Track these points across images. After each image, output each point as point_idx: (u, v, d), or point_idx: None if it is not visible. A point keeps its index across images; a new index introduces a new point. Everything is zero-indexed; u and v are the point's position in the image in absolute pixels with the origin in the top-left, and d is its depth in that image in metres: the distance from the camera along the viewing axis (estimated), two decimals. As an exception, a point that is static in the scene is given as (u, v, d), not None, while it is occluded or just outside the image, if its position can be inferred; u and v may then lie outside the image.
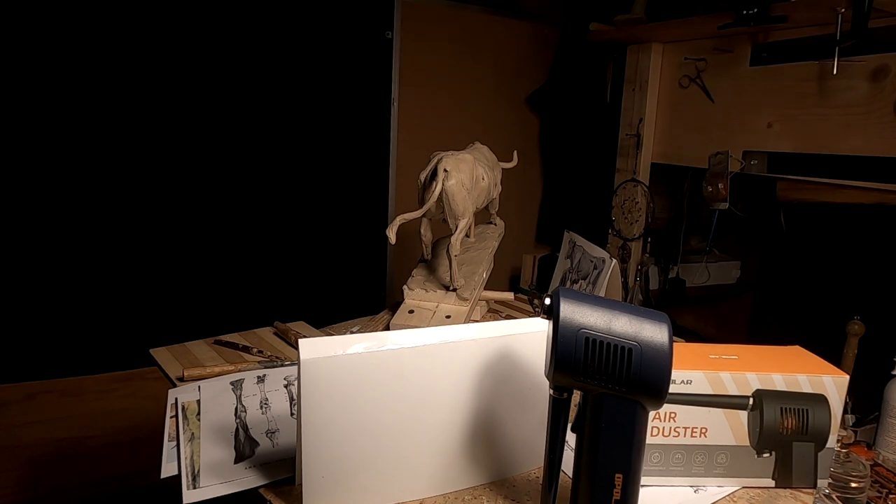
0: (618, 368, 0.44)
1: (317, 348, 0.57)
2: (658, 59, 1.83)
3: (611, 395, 0.45)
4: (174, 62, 1.60)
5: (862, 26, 1.20)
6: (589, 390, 0.45)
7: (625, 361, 0.44)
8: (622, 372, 0.44)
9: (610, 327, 0.43)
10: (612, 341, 0.43)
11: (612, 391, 0.44)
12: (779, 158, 1.52)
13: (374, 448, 0.61)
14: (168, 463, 0.71)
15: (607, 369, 0.44)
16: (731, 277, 2.17)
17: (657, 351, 0.44)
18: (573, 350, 0.42)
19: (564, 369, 0.43)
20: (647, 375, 0.44)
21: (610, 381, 0.44)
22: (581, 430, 0.48)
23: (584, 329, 0.42)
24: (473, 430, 0.65)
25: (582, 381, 0.44)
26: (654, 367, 0.44)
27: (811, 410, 0.67)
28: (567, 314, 0.42)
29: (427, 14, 2.00)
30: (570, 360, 0.43)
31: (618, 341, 0.43)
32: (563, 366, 0.43)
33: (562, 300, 0.43)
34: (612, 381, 0.44)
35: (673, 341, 0.45)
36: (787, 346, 0.75)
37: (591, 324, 0.43)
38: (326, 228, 1.94)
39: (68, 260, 1.55)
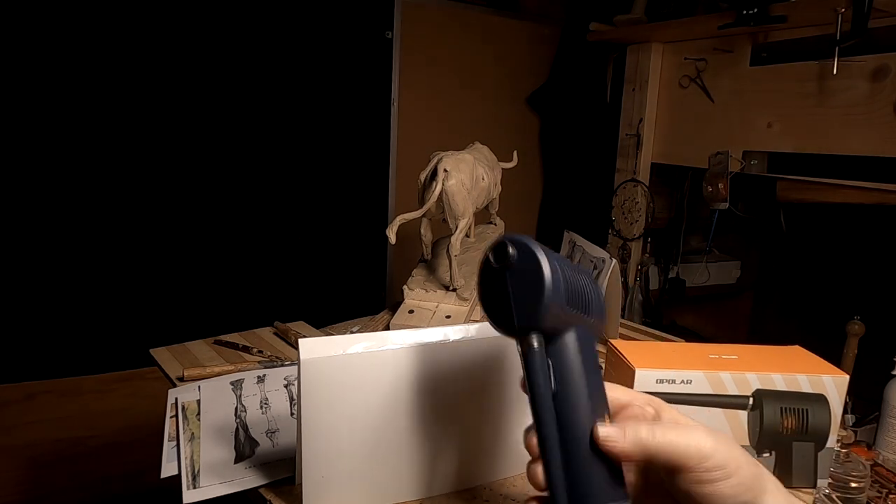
0: (585, 295, 0.43)
1: (317, 348, 0.57)
2: (658, 59, 1.83)
3: (582, 327, 0.44)
4: (174, 62, 1.60)
5: (862, 26, 1.20)
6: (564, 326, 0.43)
7: (587, 288, 0.44)
8: (588, 299, 0.43)
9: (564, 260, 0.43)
10: (574, 270, 0.43)
11: (582, 321, 0.43)
12: (779, 158, 1.52)
13: (374, 448, 0.61)
14: (168, 463, 0.71)
15: (578, 296, 0.42)
16: (731, 277, 2.17)
17: (593, 279, 0.46)
18: (559, 278, 0.40)
19: (556, 298, 0.40)
20: (599, 303, 0.45)
21: (582, 309, 0.43)
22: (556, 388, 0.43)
23: (553, 257, 0.41)
24: (473, 429, 0.65)
25: (568, 313, 0.42)
26: (601, 297, 0.46)
27: (811, 410, 0.67)
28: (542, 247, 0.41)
29: (427, 14, 2.00)
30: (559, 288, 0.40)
31: (576, 270, 0.44)
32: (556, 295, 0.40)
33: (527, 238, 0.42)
34: (583, 308, 0.43)
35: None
36: (787, 346, 0.75)
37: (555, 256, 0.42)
38: (326, 228, 1.94)
39: (68, 260, 1.55)
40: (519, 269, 0.41)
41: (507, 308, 0.42)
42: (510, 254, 0.41)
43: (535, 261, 0.40)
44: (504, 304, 0.42)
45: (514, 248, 0.41)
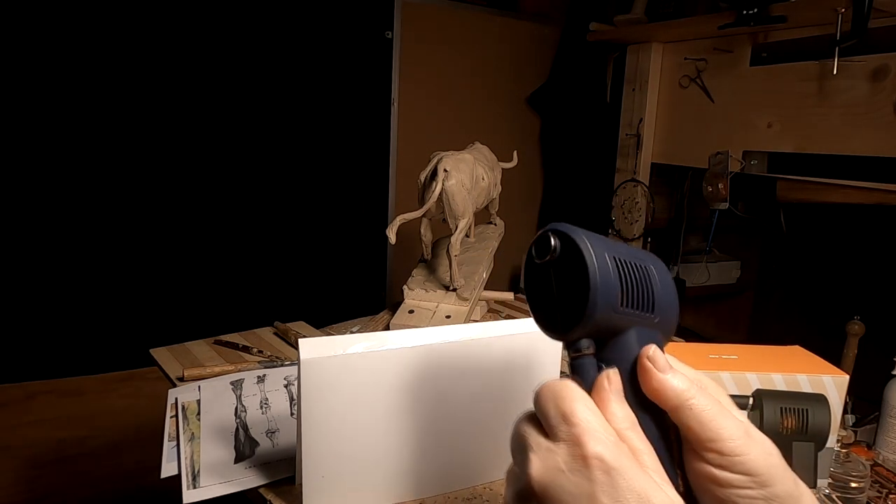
0: (646, 289, 0.37)
1: (317, 348, 0.57)
2: (658, 59, 1.83)
3: (644, 327, 0.38)
4: (174, 62, 1.60)
5: (862, 26, 1.20)
6: (620, 328, 0.37)
7: (648, 281, 0.38)
8: (650, 295, 0.37)
9: (620, 249, 0.37)
10: (633, 260, 0.37)
11: (643, 321, 0.38)
12: (779, 158, 1.52)
13: (374, 448, 0.61)
14: (168, 463, 0.71)
15: (638, 291, 0.37)
16: (731, 277, 2.17)
17: (664, 270, 0.40)
18: (610, 274, 0.35)
19: (606, 299, 0.35)
20: (666, 295, 0.39)
21: (643, 307, 0.37)
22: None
23: (608, 250, 0.35)
24: (473, 429, 0.65)
25: (622, 313, 0.36)
26: (669, 287, 0.39)
27: (811, 410, 0.67)
28: (590, 239, 0.35)
29: (427, 14, 2.00)
30: (609, 288, 0.35)
31: (636, 260, 0.37)
32: (604, 295, 0.34)
33: (573, 228, 0.36)
34: (644, 306, 0.37)
35: None
36: (787, 346, 0.75)
37: (609, 246, 0.36)
38: (326, 228, 1.94)
39: (68, 260, 1.55)
40: (563, 264, 0.36)
41: (551, 309, 0.37)
42: (553, 246, 0.36)
43: (579, 254, 0.35)
44: (549, 303, 0.37)
45: (557, 240, 0.36)
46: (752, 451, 0.33)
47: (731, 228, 2.04)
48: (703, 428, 0.34)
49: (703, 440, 0.34)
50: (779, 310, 2.19)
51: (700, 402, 0.34)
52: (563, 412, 0.33)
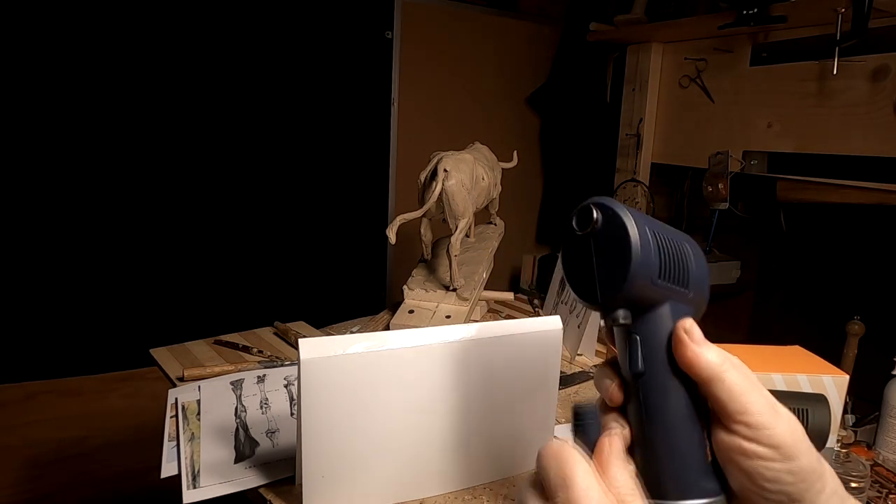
0: (683, 264, 0.39)
1: (317, 348, 0.57)
2: (658, 59, 1.83)
3: (678, 302, 0.39)
4: (174, 62, 1.60)
5: (862, 26, 1.20)
6: (656, 300, 0.39)
7: (685, 256, 0.39)
8: (686, 270, 0.39)
9: (657, 225, 0.38)
10: (670, 236, 0.39)
11: (678, 296, 0.39)
12: (779, 158, 1.52)
13: (374, 448, 0.61)
14: (168, 463, 0.71)
15: (675, 266, 0.38)
16: (731, 277, 2.17)
17: (697, 248, 0.41)
18: (649, 246, 0.36)
19: (646, 270, 0.36)
20: (700, 272, 0.40)
21: (679, 282, 0.39)
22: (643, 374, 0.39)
23: (647, 224, 0.37)
24: (473, 429, 0.65)
25: (659, 286, 0.38)
26: (704, 267, 0.41)
27: (811, 410, 0.67)
28: (632, 212, 0.37)
29: (427, 14, 2.00)
30: (649, 259, 0.36)
31: (675, 237, 0.39)
32: (644, 266, 0.36)
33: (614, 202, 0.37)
34: (680, 280, 0.39)
35: None
36: (787, 346, 0.75)
37: (648, 221, 0.38)
38: (326, 228, 1.94)
39: (68, 260, 1.55)
40: (604, 235, 0.37)
41: (590, 279, 0.38)
42: (595, 218, 0.37)
43: (622, 226, 0.36)
44: (587, 274, 0.38)
45: (599, 212, 0.37)
46: (779, 426, 0.35)
47: (731, 228, 2.04)
48: (734, 400, 0.35)
49: (732, 412, 0.35)
50: (779, 310, 2.19)
51: (732, 376, 0.36)
52: (562, 476, 0.33)
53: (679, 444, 0.38)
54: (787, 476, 0.35)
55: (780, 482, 0.35)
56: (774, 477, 0.35)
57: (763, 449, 0.35)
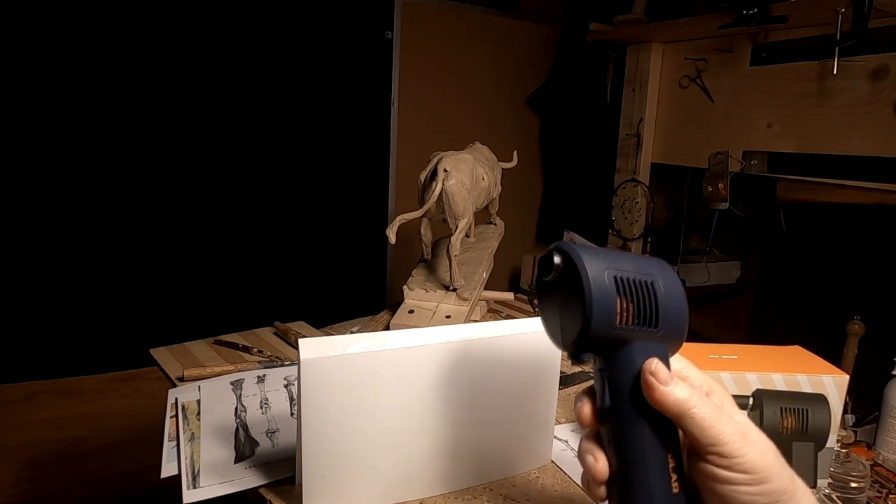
0: (649, 306, 0.39)
1: (317, 348, 0.57)
2: (658, 59, 1.83)
3: (644, 341, 0.40)
4: (174, 62, 1.60)
5: (862, 26, 1.20)
6: (621, 342, 0.39)
7: (652, 297, 0.39)
8: (653, 309, 0.39)
9: (625, 266, 0.39)
10: (636, 277, 0.39)
11: (646, 335, 0.39)
12: (779, 158, 1.52)
13: (375, 448, 0.61)
14: (168, 463, 0.71)
15: (639, 308, 0.39)
16: (731, 277, 2.17)
17: (674, 282, 0.41)
18: (606, 294, 0.37)
19: (602, 316, 0.37)
20: (672, 309, 0.40)
21: (645, 323, 0.39)
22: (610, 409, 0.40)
23: (609, 269, 0.37)
24: (473, 429, 0.65)
25: (618, 330, 0.38)
26: (677, 300, 0.41)
27: (811, 410, 0.67)
28: (588, 257, 0.37)
29: (427, 14, 2.00)
30: (606, 306, 0.37)
31: (640, 276, 0.39)
32: (600, 313, 0.36)
33: (575, 248, 0.38)
34: (646, 321, 0.39)
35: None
36: (787, 346, 0.75)
37: (612, 264, 0.38)
38: (326, 228, 1.94)
39: (68, 260, 1.55)
40: (565, 282, 0.38)
41: (556, 324, 0.39)
42: (556, 264, 0.38)
43: (576, 277, 0.37)
44: (554, 319, 0.40)
45: (560, 258, 0.38)
46: (749, 452, 0.37)
47: (731, 228, 2.04)
48: (704, 434, 0.37)
49: (704, 445, 0.37)
50: (779, 310, 2.19)
51: (701, 411, 0.37)
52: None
53: (643, 475, 0.39)
54: (761, 498, 0.37)
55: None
56: (750, 500, 0.37)
57: (736, 475, 0.37)
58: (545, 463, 0.72)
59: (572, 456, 0.73)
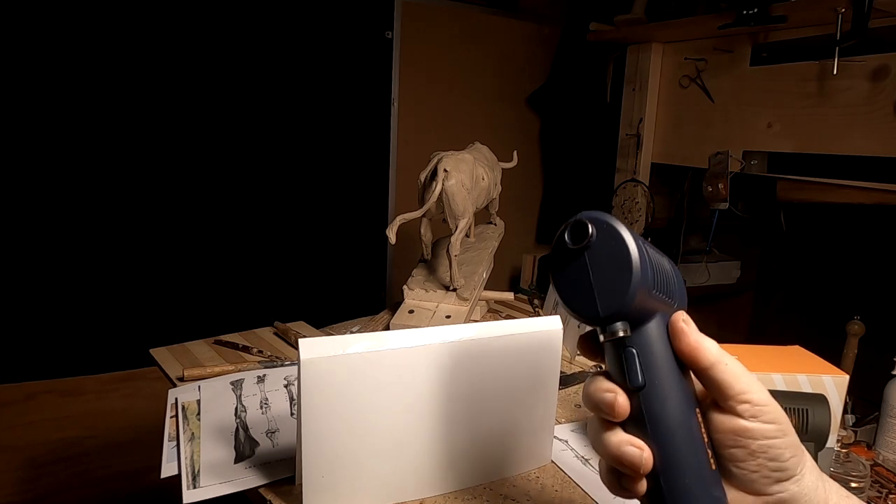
0: (668, 278, 0.40)
1: (317, 348, 0.57)
2: (658, 59, 1.83)
3: (665, 314, 0.40)
4: (174, 62, 1.60)
5: (862, 26, 1.20)
6: (649, 313, 0.39)
7: (668, 273, 0.40)
8: (671, 282, 0.40)
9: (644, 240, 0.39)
10: (654, 251, 0.39)
11: (666, 307, 0.40)
12: (779, 158, 1.52)
13: (375, 448, 0.61)
14: (168, 463, 0.71)
15: (663, 279, 0.39)
16: (731, 277, 2.17)
17: (674, 265, 0.42)
18: (646, 258, 0.37)
19: (645, 281, 0.36)
20: (680, 284, 0.42)
21: (667, 294, 0.39)
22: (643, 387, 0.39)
23: (640, 240, 0.37)
24: (473, 429, 0.65)
25: (655, 297, 0.38)
26: (681, 280, 0.42)
27: (811, 410, 0.67)
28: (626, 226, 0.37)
29: (427, 14, 2.00)
30: (647, 270, 0.37)
31: (658, 252, 0.40)
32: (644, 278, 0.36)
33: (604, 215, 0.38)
34: (668, 292, 0.40)
35: None
36: (787, 346, 0.75)
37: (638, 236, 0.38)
38: (326, 228, 1.94)
39: (68, 260, 1.55)
40: (600, 249, 0.37)
41: (588, 294, 0.38)
42: (590, 232, 0.37)
43: (620, 240, 0.37)
44: (584, 289, 0.38)
45: (594, 227, 0.37)
46: (773, 403, 0.38)
47: (731, 228, 2.04)
48: (737, 381, 0.37)
49: (735, 393, 0.37)
50: (779, 310, 2.19)
51: (731, 360, 0.38)
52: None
53: (687, 454, 0.38)
54: (787, 452, 0.37)
55: (781, 459, 0.37)
56: (776, 454, 0.37)
57: (767, 426, 0.37)
58: (545, 463, 0.72)
59: (572, 456, 0.73)
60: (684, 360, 0.39)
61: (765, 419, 0.37)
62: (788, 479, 0.38)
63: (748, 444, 0.37)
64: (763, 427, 0.37)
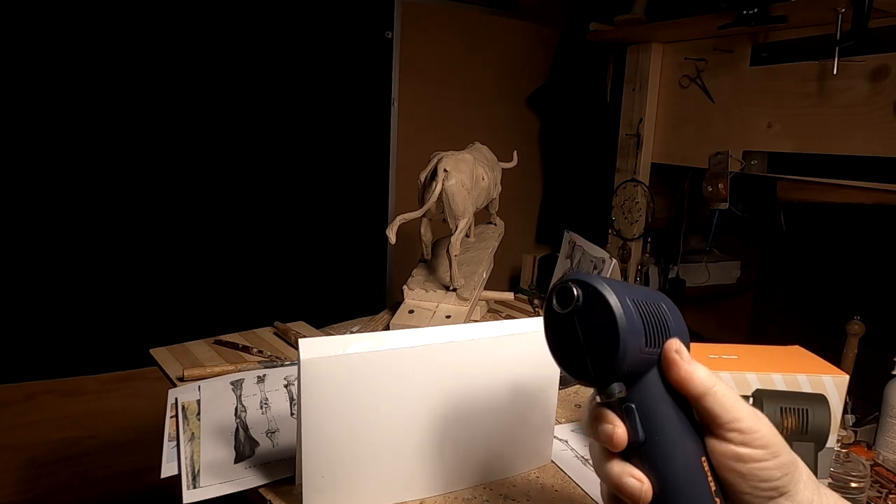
0: (664, 325, 0.40)
1: (317, 348, 0.57)
2: (658, 59, 1.83)
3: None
4: (174, 62, 1.60)
5: (862, 26, 1.20)
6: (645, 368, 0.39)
7: (664, 316, 0.40)
8: (667, 332, 0.40)
9: (635, 291, 0.39)
10: (646, 300, 0.39)
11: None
12: (779, 158, 1.52)
13: (374, 448, 0.61)
14: (168, 463, 0.71)
15: (657, 331, 0.39)
16: (731, 277, 2.17)
17: (673, 306, 0.42)
18: (633, 317, 0.37)
19: (634, 342, 0.36)
20: (679, 326, 0.41)
21: (662, 344, 0.40)
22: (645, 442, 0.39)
23: (626, 293, 0.37)
24: (473, 429, 0.65)
25: (646, 353, 0.38)
26: (681, 322, 0.42)
27: (811, 410, 0.67)
28: (611, 284, 0.37)
29: (427, 14, 2.00)
30: (636, 330, 0.37)
31: (649, 299, 0.40)
32: (632, 339, 0.36)
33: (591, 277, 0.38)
34: (662, 341, 0.40)
35: None
36: (787, 346, 0.75)
37: (626, 289, 0.38)
38: (326, 228, 1.94)
39: (68, 260, 1.55)
40: (587, 312, 0.37)
41: (579, 357, 0.38)
42: (576, 295, 0.37)
43: (603, 301, 0.36)
44: (576, 353, 0.38)
45: (580, 290, 0.37)
46: (763, 428, 0.39)
47: (731, 228, 2.04)
48: (726, 410, 0.39)
49: (726, 421, 0.39)
50: (779, 310, 2.19)
51: (721, 389, 0.39)
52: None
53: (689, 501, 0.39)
54: (777, 472, 0.39)
55: (771, 479, 0.39)
56: (767, 476, 0.39)
57: (755, 451, 0.39)
58: (545, 463, 0.72)
59: (572, 456, 0.73)
60: (678, 391, 0.39)
61: (755, 445, 0.39)
62: (781, 496, 0.40)
63: (739, 467, 0.39)
64: (753, 452, 0.39)
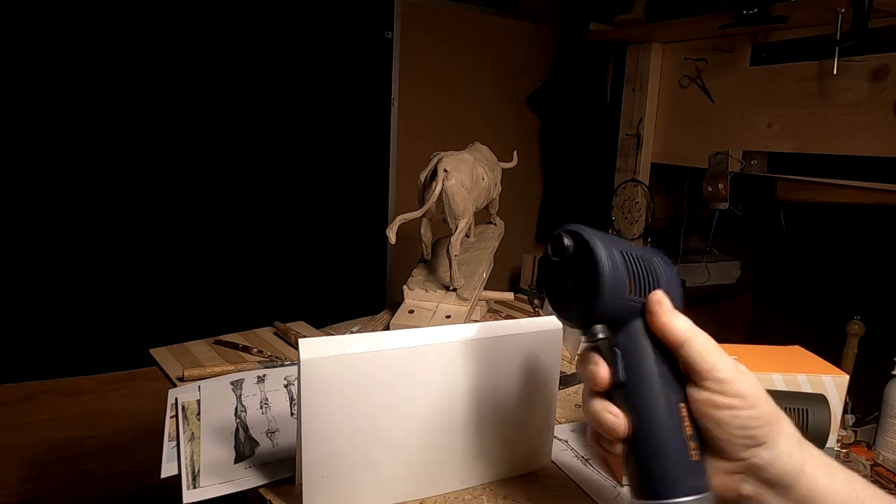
0: (652, 276, 0.43)
1: (317, 348, 0.57)
2: (658, 59, 1.83)
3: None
4: (174, 62, 1.60)
5: (862, 26, 1.20)
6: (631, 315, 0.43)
7: (653, 269, 0.44)
8: (655, 280, 0.43)
9: (627, 245, 0.43)
10: (639, 254, 0.43)
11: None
12: (779, 158, 1.52)
13: (374, 448, 0.61)
14: (168, 463, 0.71)
15: (644, 282, 0.43)
16: (731, 277, 2.17)
17: (667, 260, 0.45)
18: (617, 266, 0.41)
19: (616, 288, 0.41)
20: (671, 279, 0.45)
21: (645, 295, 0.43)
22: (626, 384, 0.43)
23: (615, 247, 0.41)
24: (474, 430, 0.65)
25: (629, 301, 0.42)
26: (673, 273, 0.45)
27: (811, 410, 0.67)
28: (600, 237, 0.41)
29: (427, 14, 2.00)
30: (618, 278, 0.41)
31: (642, 253, 0.44)
32: (614, 285, 0.40)
33: (584, 228, 0.42)
34: (649, 291, 0.43)
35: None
36: (787, 346, 0.75)
37: (618, 244, 0.42)
38: (326, 228, 1.94)
39: (68, 260, 1.55)
40: (577, 260, 0.41)
41: (567, 300, 0.43)
42: (566, 245, 0.41)
43: (589, 252, 0.41)
44: (564, 296, 0.43)
45: (570, 239, 0.42)
46: (741, 380, 0.41)
47: (731, 228, 2.04)
48: (703, 359, 0.41)
49: (703, 369, 0.41)
50: (779, 310, 2.19)
51: (699, 339, 0.42)
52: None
53: (663, 445, 0.41)
54: (753, 421, 0.41)
55: (748, 427, 0.41)
56: (742, 423, 0.40)
57: (731, 399, 0.40)
58: (545, 463, 0.72)
59: (572, 456, 0.73)
60: (660, 340, 0.42)
61: (730, 393, 0.40)
62: (759, 446, 0.41)
63: (714, 413, 0.41)
64: (727, 400, 0.40)
